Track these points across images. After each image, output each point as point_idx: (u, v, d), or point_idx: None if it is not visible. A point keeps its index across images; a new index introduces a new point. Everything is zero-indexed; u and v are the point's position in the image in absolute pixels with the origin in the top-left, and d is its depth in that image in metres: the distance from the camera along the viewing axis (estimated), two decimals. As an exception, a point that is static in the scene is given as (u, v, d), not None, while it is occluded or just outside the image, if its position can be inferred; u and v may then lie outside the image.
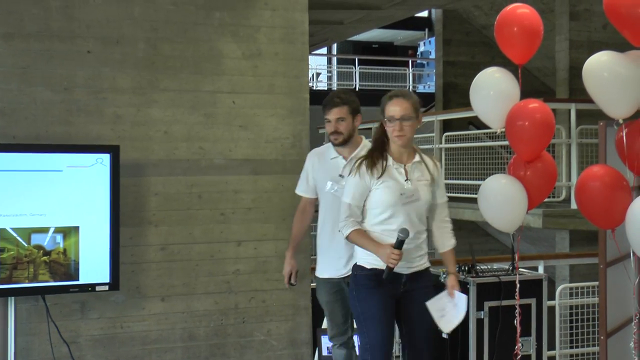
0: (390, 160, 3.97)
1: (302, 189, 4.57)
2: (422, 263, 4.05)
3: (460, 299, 4.06)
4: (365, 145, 4.37)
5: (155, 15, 4.96)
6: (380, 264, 3.89)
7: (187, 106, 5.02)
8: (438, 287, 4.18)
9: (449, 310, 4.04)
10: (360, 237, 3.94)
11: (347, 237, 3.98)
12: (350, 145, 4.39)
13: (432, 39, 20.77)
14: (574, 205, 7.84)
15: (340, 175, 4.32)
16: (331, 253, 4.40)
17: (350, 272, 4.15)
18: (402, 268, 3.91)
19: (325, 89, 22.32)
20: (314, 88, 20.97)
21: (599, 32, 11.60)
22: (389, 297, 3.97)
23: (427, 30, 24.21)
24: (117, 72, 4.86)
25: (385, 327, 3.96)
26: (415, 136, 4.16)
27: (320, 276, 4.52)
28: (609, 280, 3.98)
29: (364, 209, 4.00)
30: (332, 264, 4.42)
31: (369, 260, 3.96)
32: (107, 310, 4.82)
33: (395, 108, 3.90)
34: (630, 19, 3.49)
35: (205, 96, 5.07)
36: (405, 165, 3.98)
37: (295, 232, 4.63)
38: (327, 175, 4.40)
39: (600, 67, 3.59)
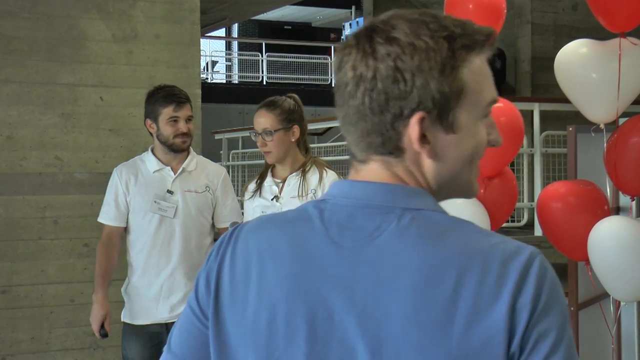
0: (268, 177, 4.14)
1: (110, 217, 4.38)
2: None
3: None
4: (195, 156, 4.43)
5: (-5, -17, 4.90)
6: None
7: (38, 103, 4.96)
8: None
9: None
10: None
11: None
12: (184, 153, 4.39)
13: (360, 20, 21.03)
14: (538, 232, 8.00)
15: (169, 192, 4.30)
16: (153, 291, 4.32)
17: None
18: None
19: (224, 81, 22.33)
20: (209, 81, 20.95)
21: (568, 14, 11.92)
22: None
23: (353, 8, 24.51)
24: (-56, 57, 4.78)
25: None
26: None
27: (134, 323, 4.37)
28: (581, 325, 4.08)
29: None
30: (154, 305, 4.33)
31: None
32: None
33: (258, 120, 4.04)
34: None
35: (63, 90, 5.02)
36: (282, 182, 4.10)
37: (104, 269, 4.43)
38: (150, 192, 4.31)
39: (576, 60, 3.65)
